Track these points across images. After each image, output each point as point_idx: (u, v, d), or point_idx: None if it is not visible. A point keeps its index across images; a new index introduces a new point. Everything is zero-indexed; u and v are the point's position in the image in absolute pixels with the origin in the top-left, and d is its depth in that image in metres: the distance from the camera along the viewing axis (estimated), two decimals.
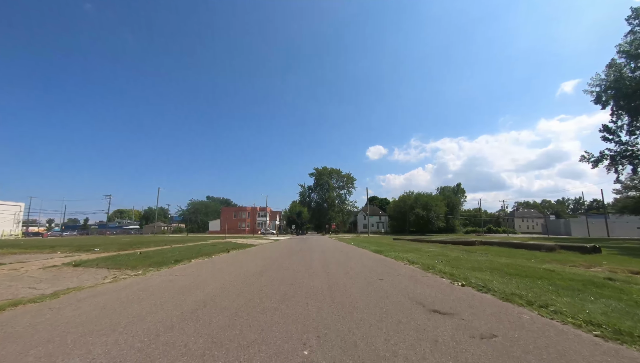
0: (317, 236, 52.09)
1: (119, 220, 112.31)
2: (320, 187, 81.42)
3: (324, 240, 32.52)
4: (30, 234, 65.51)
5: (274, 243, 26.65)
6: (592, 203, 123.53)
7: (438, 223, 72.13)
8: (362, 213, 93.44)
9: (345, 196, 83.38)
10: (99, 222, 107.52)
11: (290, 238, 43.66)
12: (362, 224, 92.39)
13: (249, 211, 78.58)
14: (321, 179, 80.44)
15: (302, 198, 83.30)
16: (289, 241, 31.69)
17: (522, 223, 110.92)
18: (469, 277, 5.90)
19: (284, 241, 31.71)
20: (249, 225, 77.58)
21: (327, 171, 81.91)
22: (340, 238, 37.22)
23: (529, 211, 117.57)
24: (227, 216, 78.57)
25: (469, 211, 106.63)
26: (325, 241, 30.82)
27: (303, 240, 32.94)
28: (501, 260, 9.36)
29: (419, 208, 69.66)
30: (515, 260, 9.37)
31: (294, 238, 43.83)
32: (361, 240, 30.41)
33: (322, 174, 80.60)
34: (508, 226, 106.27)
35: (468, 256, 10.26)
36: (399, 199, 75.99)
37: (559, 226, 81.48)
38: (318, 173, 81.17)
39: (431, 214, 69.79)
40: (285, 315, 3.51)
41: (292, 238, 43.64)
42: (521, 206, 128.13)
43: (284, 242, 28.04)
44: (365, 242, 23.11)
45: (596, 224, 65.57)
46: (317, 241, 29.06)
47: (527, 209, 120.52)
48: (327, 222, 77.10)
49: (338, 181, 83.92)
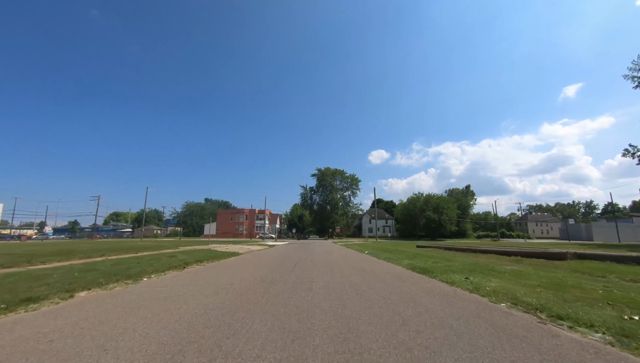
0: (320, 241, 47.25)
1: (114, 223, 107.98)
2: (323, 188, 76.39)
3: (327, 247, 27.60)
4: (7, 237, 61.01)
5: (267, 250, 21.84)
6: (607, 206, 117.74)
7: (450, 227, 66.93)
8: (367, 216, 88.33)
9: (350, 198, 78.28)
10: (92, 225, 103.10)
11: (289, 243, 38.83)
12: (367, 229, 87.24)
13: (247, 214, 73.78)
14: (324, 180, 75.47)
15: (303, 200, 78.27)
16: (286, 247, 26.83)
17: (535, 227, 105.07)
18: None
19: (281, 247, 26.85)
20: (247, 229, 72.73)
21: (330, 172, 76.89)
22: (346, 244, 32.29)
23: (542, 214, 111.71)
24: (224, 219, 73.90)
25: (478, 214, 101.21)
26: (329, 247, 25.91)
27: (303, 246, 28.07)
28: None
29: (429, 210, 64.49)
30: None
31: (294, 243, 38.98)
32: (374, 246, 25.43)
33: (325, 175, 75.58)
34: (521, 231, 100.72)
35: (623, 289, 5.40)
36: (408, 202, 70.86)
37: (580, 231, 75.67)
38: (321, 173, 76.11)
39: (443, 217, 64.59)
40: None
41: (291, 243, 38.80)
42: (533, 210, 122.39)
43: (279, 249, 23.19)
44: (382, 250, 18.24)
45: (621, 228, 59.96)
46: (320, 248, 24.21)
47: (539, 213, 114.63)
48: (330, 226, 72.02)
49: (342, 182, 78.95)
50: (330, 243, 38.20)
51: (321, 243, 37.24)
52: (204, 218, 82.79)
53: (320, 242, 43.24)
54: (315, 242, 42.97)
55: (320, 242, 43.24)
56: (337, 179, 78.50)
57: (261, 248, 24.45)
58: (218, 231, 73.47)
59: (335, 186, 76.60)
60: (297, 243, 40.62)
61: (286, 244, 34.38)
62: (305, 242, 43.51)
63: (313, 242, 43.16)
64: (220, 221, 74.29)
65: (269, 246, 28.32)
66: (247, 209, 72.62)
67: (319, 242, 43.21)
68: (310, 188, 78.54)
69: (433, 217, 63.32)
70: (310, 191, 78.24)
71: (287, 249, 23.45)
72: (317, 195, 78.19)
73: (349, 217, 75.86)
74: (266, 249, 23.18)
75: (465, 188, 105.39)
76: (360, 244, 32.85)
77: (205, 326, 3.41)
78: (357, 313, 3.95)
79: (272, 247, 26.17)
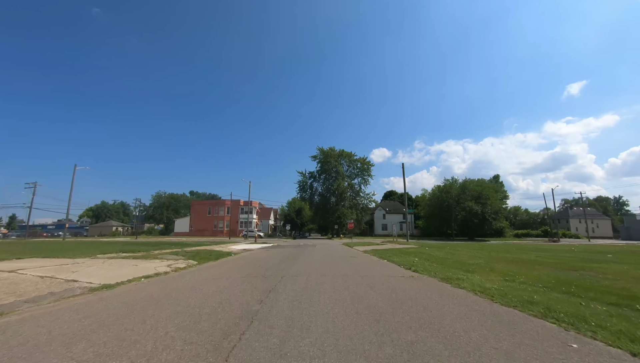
0: (322, 242, 31.46)
1: (81, 220, 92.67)
2: (326, 174, 60.24)
3: (336, 255, 12.05)
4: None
5: (216, 267, 5.51)
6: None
7: (496, 223, 50.79)
8: (380, 209, 72.17)
9: (360, 186, 61.94)
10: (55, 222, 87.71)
11: (273, 246, 22.98)
12: (381, 225, 71.18)
13: (229, 206, 57.80)
14: (327, 165, 59.28)
15: (301, 189, 61.83)
16: (264, 254, 11.14)
17: (578, 224, 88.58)
18: None
19: (255, 254, 11.18)
20: (229, 225, 56.86)
21: (336, 154, 60.51)
22: (373, 250, 16.30)
23: (585, 209, 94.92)
24: (200, 213, 58.07)
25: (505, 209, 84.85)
26: (343, 256, 10.00)
27: (293, 255, 12.44)
28: None
29: (469, 200, 48.25)
30: None
31: (283, 245, 23.19)
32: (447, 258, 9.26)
33: (328, 157, 59.21)
34: (561, 228, 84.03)
35: None
36: (438, 190, 54.62)
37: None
38: (323, 154, 59.57)
39: (487, 210, 48.38)
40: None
41: (278, 246, 23.06)
42: (569, 204, 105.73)
43: (243, 263, 7.03)
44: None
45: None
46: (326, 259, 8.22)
47: (580, 208, 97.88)
48: (335, 221, 56.13)
49: (350, 167, 62.73)
50: (339, 246, 22.27)
51: (325, 246, 21.42)
52: (178, 212, 67.34)
53: (323, 244, 27.32)
54: (316, 244, 27.04)
55: (323, 244, 27.32)
56: (344, 164, 62.30)
57: (184, 266, 8.50)
58: (193, 228, 57.78)
59: (341, 170, 60.37)
60: (288, 245, 24.76)
61: (265, 249, 18.50)
62: (301, 244, 27.55)
63: (312, 244, 27.15)
64: (196, 215, 58.52)
65: (239, 250, 12.54)
66: (229, 200, 56.53)
67: (321, 244, 27.35)
68: (310, 173, 62.15)
69: (475, 209, 47.03)
70: (309, 178, 61.88)
71: (253, 266, 7.36)
72: (318, 183, 62.00)
73: (359, 210, 59.62)
74: (217, 264, 7.15)
75: (493, 178, 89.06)
76: (400, 250, 16.75)
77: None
78: None
79: (237, 255, 10.56)
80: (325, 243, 31.11)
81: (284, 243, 29.79)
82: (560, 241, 50.82)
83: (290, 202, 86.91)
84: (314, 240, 44.76)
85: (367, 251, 16.46)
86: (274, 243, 29.41)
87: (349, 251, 17.40)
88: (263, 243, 29.11)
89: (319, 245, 26.11)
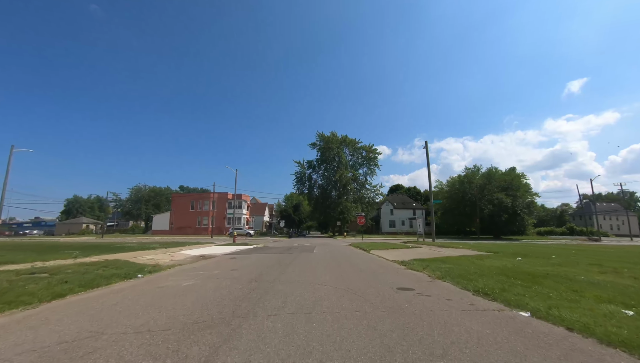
0: (323, 242, 23.92)
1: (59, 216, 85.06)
2: (327, 164, 52.55)
3: (367, 279, 3.69)
4: None
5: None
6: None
7: (527, 219, 43.25)
8: (387, 204, 64.54)
9: (366, 177, 54.11)
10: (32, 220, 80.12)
11: (256, 247, 15.41)
12: (389, 222, 63.66)
13: (215, 199, 50.10)
14: (329, 152, 51.45)
15: (299, 182, 53.82)
16: (204, 275, 3.20)
17: (603, 221, 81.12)
18: None
19: (187, 273, 3.88)
20: (214, 222, 49.22)
21: (338, 140, 52.66)
22: (406, 258, 8.69)
23: (608, 205, 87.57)
24: (182, 208, 50.49)
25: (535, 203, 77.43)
26: (378, 289, 1.66)
27: (264, 275, 4.29)
28: None
29: (497, 191, 40.68)
30: None
31: (270, 248, 15.56)
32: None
33: (330, 143, 51.28)
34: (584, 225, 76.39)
35: None
36: (458, 181, 46.96)
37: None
38: (324, 141, 51.63)
39: (518, 203, 40.82)
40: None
41: (263, 247, 15.48)
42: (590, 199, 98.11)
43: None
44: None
45: None
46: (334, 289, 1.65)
47: (604, 203, 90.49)
48: (337, 217, 48.59)
49: (354, 156, 55.00)
50: (346, 248, 14.64)
51: (326, 249, 13.83)
52: (160, 208, 59.79)
53: (323, 245, 19.73)
54: (314, 245, 19.44)
55: (323, 245, 19.73)
56: (347, 151, 54.54)
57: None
58: (173, 225, 50.20)
59: (344, 159, 52.67)
60: (276, 247, 17.19)
61: (232, 256, 11.02)
62: (294, 245, 19.93)
63: (310, 246, 19.54)
64: (177, 210, 50.89)
65: (194, 257, 4.81)
66: (214, 193, 48.77)
67: (321, 244, 19.77)
68: (309, 163, 54.31)
69: (506, 202, 39.42)
70: (308, 167, 54.10)
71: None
72: (318, 174, 54.25)
73: (365, 204, 51.92)
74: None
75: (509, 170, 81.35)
76: (478, 265, 9.07)
77: None
78: None
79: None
80: (327, 243, 23.60)
81: (273, 244, 22.30)
82: (602, 240, 43.43)
83: (287, 197, 79.18)
84: (312, 238, 37.20)
85: (394, 260, 8.86)
86: (260, 244, 21.89)
87: (370, 261, 9.86)
88: (243, 244, 21.53)
89: (318, 246, 18.55)
